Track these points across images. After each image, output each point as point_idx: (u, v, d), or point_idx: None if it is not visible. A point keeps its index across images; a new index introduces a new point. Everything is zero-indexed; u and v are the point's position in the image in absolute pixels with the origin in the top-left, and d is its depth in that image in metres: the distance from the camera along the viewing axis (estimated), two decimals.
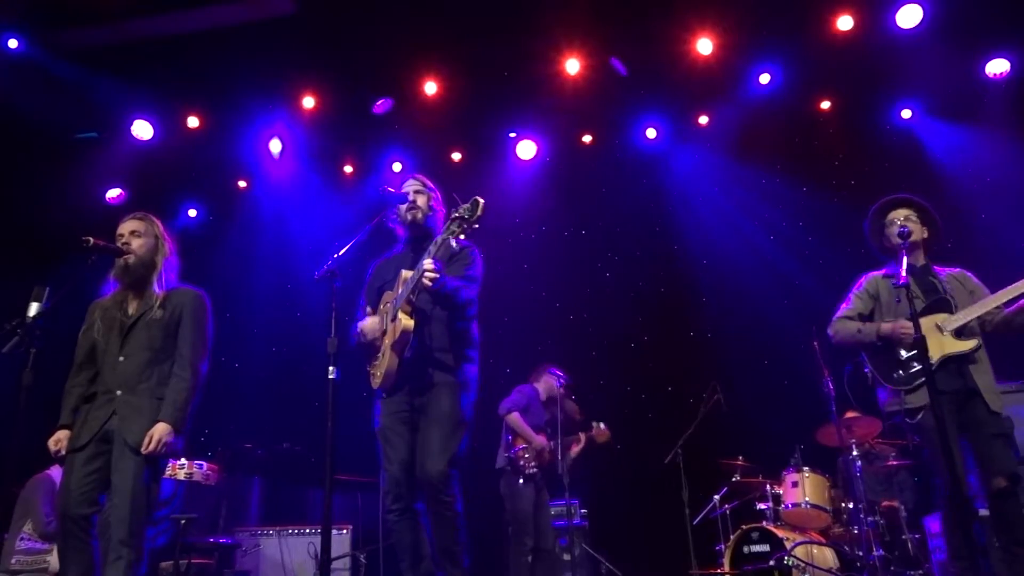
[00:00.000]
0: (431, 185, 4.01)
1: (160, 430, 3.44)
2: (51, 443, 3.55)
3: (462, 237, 3.37)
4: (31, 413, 3.40)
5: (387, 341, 3.58)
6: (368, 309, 3.90)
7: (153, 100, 7.55)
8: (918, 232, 4.06)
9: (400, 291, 3.55)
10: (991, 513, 3.73)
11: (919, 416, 3.77)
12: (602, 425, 6.39)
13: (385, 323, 3.65)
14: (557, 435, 5.86)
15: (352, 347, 3.79)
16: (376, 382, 3.65)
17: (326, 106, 7.74)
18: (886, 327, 3.91)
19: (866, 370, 4.06)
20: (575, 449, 6.31)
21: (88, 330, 3.70)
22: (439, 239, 3.42)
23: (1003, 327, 3.90)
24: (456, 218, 3.32)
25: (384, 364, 3.56)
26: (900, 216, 4.07)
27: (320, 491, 4.25)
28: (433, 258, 3.38)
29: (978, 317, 3.83)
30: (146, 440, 3.42)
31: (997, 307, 3.86)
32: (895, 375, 3.89)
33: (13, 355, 3.17)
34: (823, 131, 7.82)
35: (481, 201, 3.27)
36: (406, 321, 3.48)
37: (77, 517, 3.38)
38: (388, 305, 3.69)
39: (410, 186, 3.95)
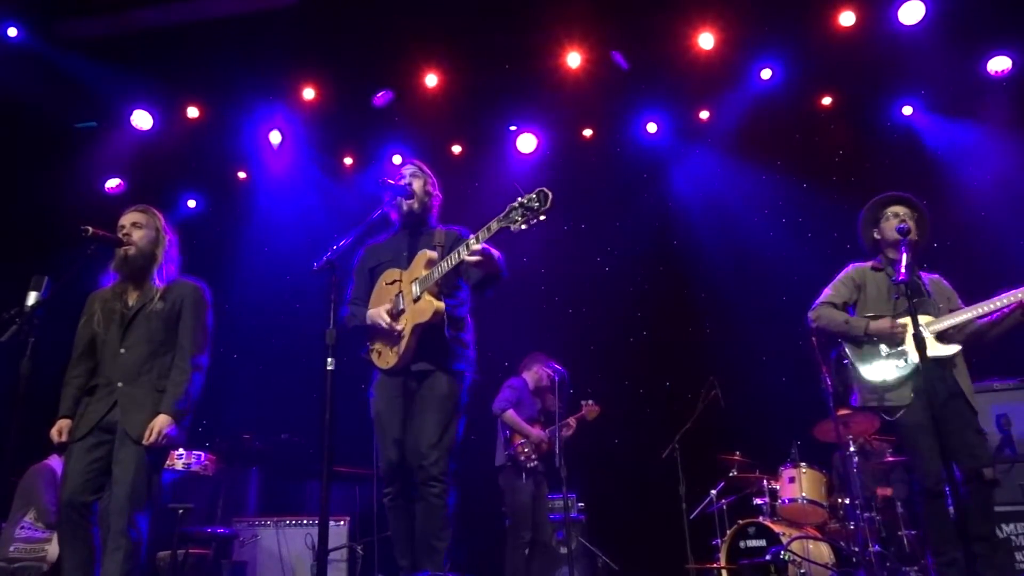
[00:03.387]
0: (428, 170, 3.97)
1: (161, 422, 3.47)
2: (53, 433, 3.57)
3: (524, 228, 3.11)
4: (29, 402, 3.40)
5: (407, 321, 3.54)
6: (357, 292, 3.87)
7: (153, 90, 7.53)
8: (914, 233, 4.08)
9: (425, 273, 3.51)
10: (974, 505, 3.75)
11: (899, 414, 3.81)
12: (590, 402, 6.35)
13: (400, 303, 3.60)
14: (556, 421, 5.85)
15: (347, 330, 3.76)
16: (388, 362, 3.62)
17: (326, 98, 7.72)
18: (877, 326, 3.93)
19: (845, 362, 4.08)
20: (566, 434, 6.28)
21: (88, 321, 3.71)
22: (492, 224, 3.22)
23: (974, 338, 3.94)
24: (519, 207, 3.09)
25: (403, 345, 3.54)
26: (900, 212, 4.09)
27: (318, 483, 4.24)
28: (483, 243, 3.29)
29: (958, 324, 3.88)
30: (147, 432, 3.44)
31: (972, 317, 3.90)
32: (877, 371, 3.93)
33: (11, 344, 3.17)
34: (824, 127, 7.81)
35: (550, 194, 3.01)
36: (437, 303, 3.47)
37: (78, 504, 3.40)
38: (398, 284, 3.63)
39: (407, 170, 3.92)
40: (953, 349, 3.85)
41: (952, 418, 3.78)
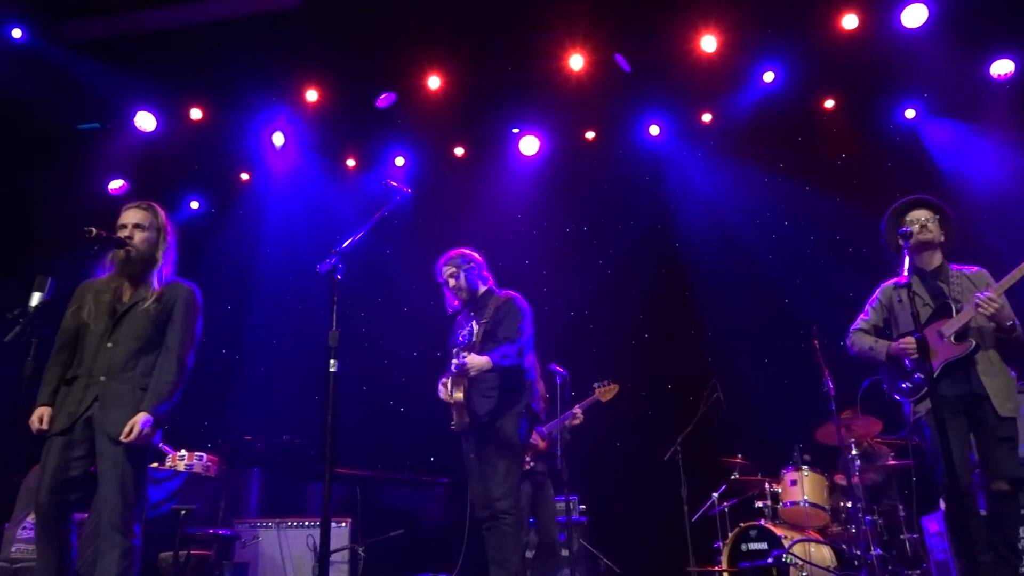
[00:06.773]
0: (468, 257, 4.49)
1: (140, 420, 3.40)
2: (34, 420, 3.47)
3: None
4: (32, 403, 3.40)
5: (454, 402, 4.31)
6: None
7: (156, 92, 7.55)
8: (935, 234, 4.05)
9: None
10: (987, 512, 3.75)
11: (919, 416, 3.80)
12: (606, 381, 6.24)
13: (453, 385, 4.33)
14: (556, 415, 5.81)
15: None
16: (454, 426, 4.39)
17: (329, 100, 7.73)
18: (892, 347, 3.94)
19: (884, 387, 4.08)
20: (573, 424, 6.19)
21: (77, 311, 3.64)
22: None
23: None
24: None
25: (455, 418, 4.33)
26: (920, 217, 4.05)
27: (319, 484, 4.25)
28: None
29: (973, 319, 3.82)
30: (125, 429, 3.37)
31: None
32: (903, 387, 3.93)
33: (15, 345, 3.18)
34: (826, 130, 7.81)
35: None
36: (457, 394, 4.23)
37: (57, 502, 3.34)
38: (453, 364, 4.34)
39: (445, 271, 4.49)
40: (962, 347, 3.78)
41: (977, 423, 3.74)
